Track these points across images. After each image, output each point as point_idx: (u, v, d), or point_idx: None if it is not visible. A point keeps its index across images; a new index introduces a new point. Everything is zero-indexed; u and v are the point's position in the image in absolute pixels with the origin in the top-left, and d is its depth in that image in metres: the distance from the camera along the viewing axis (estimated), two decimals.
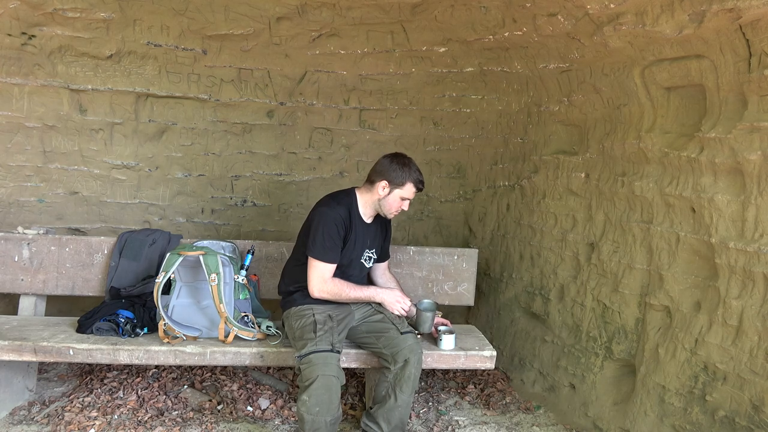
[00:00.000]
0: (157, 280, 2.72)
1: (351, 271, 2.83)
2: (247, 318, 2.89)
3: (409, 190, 2.74)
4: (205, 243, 3.18)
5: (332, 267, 2.71)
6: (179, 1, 3.32)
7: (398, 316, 2.81)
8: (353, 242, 2.78)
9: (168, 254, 2.81)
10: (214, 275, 2.72)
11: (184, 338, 2.75)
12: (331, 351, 2.48)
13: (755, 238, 2.17)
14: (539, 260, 3.50)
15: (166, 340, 2.71)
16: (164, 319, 2.71)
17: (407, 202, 2.79)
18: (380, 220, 2.91)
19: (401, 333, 2.66)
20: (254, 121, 3.94)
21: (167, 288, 2.85)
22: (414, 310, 2.90)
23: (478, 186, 4.18)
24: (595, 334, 3.01)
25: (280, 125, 3.99)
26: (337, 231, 2.69)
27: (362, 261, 2.87)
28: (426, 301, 2.91)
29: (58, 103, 3.53)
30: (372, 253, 2.91)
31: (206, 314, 2.86)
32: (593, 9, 2.52)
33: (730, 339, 2.27)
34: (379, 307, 2.85)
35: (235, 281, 2.88)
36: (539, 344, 3.43)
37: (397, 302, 2.81)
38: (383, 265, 3.06)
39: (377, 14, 3.39)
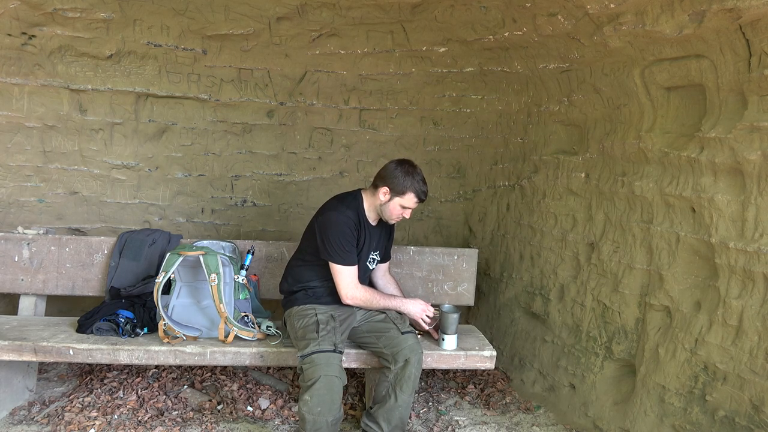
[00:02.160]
0: (157, 280, 2.72)
1: (362, 270, 2.83)
2: (247, 318, 2.89)
3: (409, 199, 2.70)
4: (205, 243, 3.18)
5: (356, 269, 2.73)
6: (179, 1, 3.32)
7: (399, 315, 2.81)
8: (362, 246, 2.78)
9: (168, 254, 2.80)
10: (214, 275, 2.72)
11: (184, 338, 2.75)
12: (334, 351, 2.48)
13: (755, 238, 2.17)
14: (539, 260, 3.50)
15: (166, 340, 2.71)
16: (164, 319, 2.71)
17: (409, 211, 2.77)
18: (385, 222, 2.91)
19: (402, 333, 2.66)
20: (254, 121, 3.94)
21: (167, 288, 2.85)
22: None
23: (478, 186, 4.18)
24: (595, 334, 3.01)
25: (280, 125, 3.99)
26: (352, 234, 2.69)
27: (367, 263, 2.88)
28: (447, 305, 2.91)
29: (58, 103, 3.53)
30: (376, 255, 2.91)
31: (206, 314, 2.86)
32: (593, 9, 2.53)
33: (730, 339, 2.27)
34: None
35: (235, 281, 2.88)
36: (539, 344, 3.43)
37: (423, 311, 2.82)
38: (384, 266, 3.06)
39: (377, 14, 3.39)
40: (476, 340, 2.99)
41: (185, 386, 3.24)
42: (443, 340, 2.83)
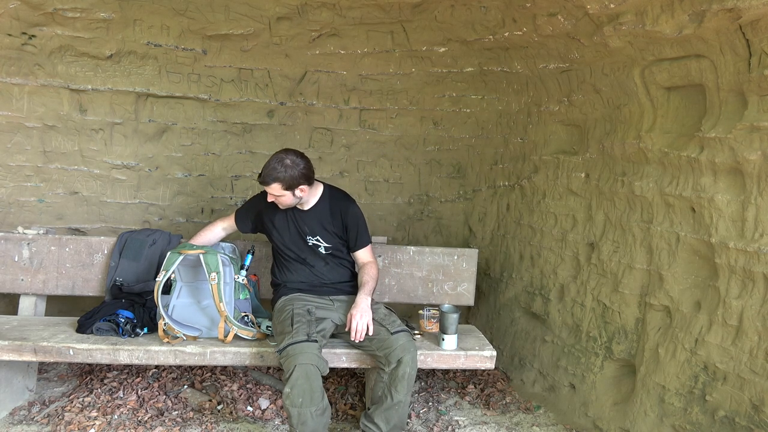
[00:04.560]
0: (157, 279, 2.71)
1: (305, 256, 2.90)
2: (247, 318, 2.89)
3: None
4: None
5: (229, 218, 3.07)
6: (179, 1, 3.32)
7: (388, 314, 2.78)
8: (274, 222, 2.89)
9: (168, 253, 2.80)
10: (214, 274, 2.72)
11: (184, 338, 2.75)
12: (307, 340, 2.48)
13: (755, 238, 2.17)
14: (539, 260, 3.50)
15: (166, 340, 2.71)
16: (164, 319, 2.71)
17: (275, 198, 2.76)
18: (323, 206, 2.89)
19: (392, 333, 2.63)
20: (254, 121, 3.94)
21: (167, 288, 2.85)
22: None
23: (478, 186, 4.18)
24: (595, 334, 3.01)
25: (280, 125, 3.99)
26: (252, 203, 3.03)
27: (310, 246, 2.89)
28: (447, 305, 2.91)
29: (58, 103, 3.53)
30: (318, 240, 2.89)
31: (206, 314, 2.85)
32: (593, 9, 2.52)
33: (730, 339, 2.27)
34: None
35: (235, 281, 2.88)
36: (539, 344, 3.43)
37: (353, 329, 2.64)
38: (359, 256, 2.96)
39: (377, 14, 3.39)
40: (476, 340, 2.99)
41: (185, 386, 3.24)
42: (443, 340, 2.83)
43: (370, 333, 2.64)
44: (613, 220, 2.96)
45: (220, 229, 3.06)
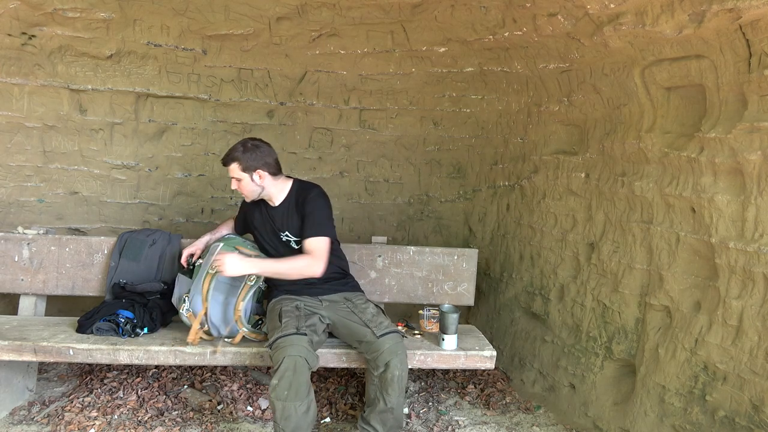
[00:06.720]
0: (209, 271, 2.72)
1: (283, 252, 2.86)
2: (261, 321, 2.87)
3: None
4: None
5: (230, 221, 3.17)
6: (179, 1, 3.32)
7: (375, 316, 2.71)
8: (257, 221, 2.91)
9: (221, 244, 2.82)
10: (254, 276, 2.75)
11: (204, 337, 2.73)
12: (296, 333, 2.46)
13: (755, 238, 2.17)
14: (539, 260, 3.51)
15: (195, 342, 2.68)
16: (204, 310, 2.70)
17: (234, 181, 2.79)
18: (290, 200, 2.86)
19: (378, 337, 2.56)
20: (254, 121, 3.94)
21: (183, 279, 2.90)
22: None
23: (478, 186, 4.18)
24: (595, 334, 3.01)
25: (280, 125, 3.99)
26: (242, 204, 3.07)
27: (284, 242, 2.87)
28: (447, 305, 2.91)
29: (58, 103, 3.53)
30: (287, 235, 2.85)
31: (227, 314, 2.81)
32: (593, 9, 2.53)
33: (730, 339, 2.27)
34: (354, 308, 2.77)
35: (258, 287, 2.87)
36: (539, 344, 3.43)
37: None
38: (304, 246, 2.84)
39: (377, 14, 3.39)
40: (476, 340, 2.99)
41: (185, 386, 3.24)
42: (443, 340, 2.83)
43: (215, 266, 2.65)
44: (613, 220, 2.96)
45: (233, 225, 3.18)
